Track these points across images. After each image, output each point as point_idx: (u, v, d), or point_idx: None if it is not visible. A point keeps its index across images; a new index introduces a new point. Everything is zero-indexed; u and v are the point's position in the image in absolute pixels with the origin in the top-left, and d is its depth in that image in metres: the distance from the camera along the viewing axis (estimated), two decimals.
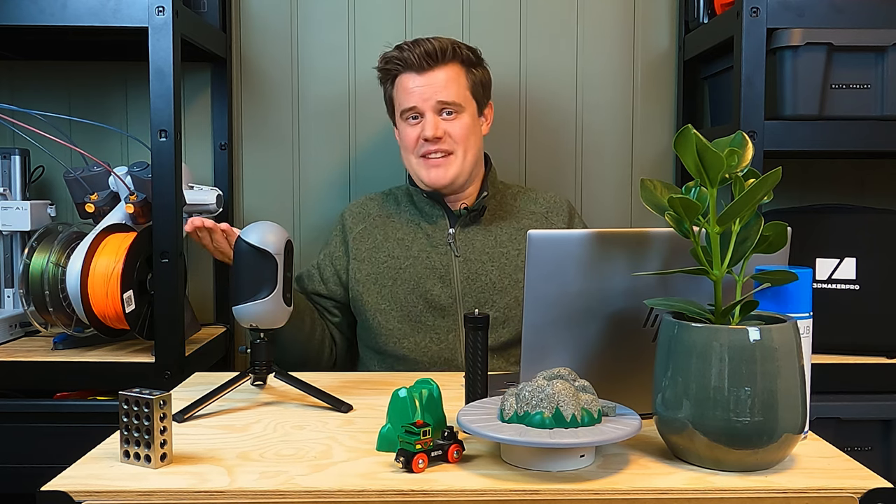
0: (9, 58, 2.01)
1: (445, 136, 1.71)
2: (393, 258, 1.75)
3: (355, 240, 1.79)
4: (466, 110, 1.73)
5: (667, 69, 2.10)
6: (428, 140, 1.70)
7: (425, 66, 1.70)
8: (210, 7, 1.94)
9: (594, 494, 0.95)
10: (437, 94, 1.70)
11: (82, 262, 1.58)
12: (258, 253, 1.26)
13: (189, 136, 2.06)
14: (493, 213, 1.79)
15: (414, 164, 1.75)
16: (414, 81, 1.71)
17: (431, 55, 1.70)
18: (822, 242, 1.74)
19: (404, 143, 1.76)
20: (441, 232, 1.76)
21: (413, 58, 1.70)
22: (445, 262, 1.73)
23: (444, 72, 1.71)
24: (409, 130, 1.73)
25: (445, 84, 1.71)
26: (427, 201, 1.77)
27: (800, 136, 1.65)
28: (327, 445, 1.10)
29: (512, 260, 1.74)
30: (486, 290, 1.72)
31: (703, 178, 0.98)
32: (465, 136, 1.72)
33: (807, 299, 1.09)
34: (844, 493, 0.96)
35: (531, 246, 1.08)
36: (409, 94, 1.72)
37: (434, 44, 1.71)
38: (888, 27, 1.64)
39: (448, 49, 1.71)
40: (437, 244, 1.75)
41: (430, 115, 1.71)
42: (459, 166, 1.72)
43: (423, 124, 1.71)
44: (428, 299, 1.71)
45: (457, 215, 1.76)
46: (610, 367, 1.13)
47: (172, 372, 1.57)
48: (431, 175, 1.72)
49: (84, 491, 0.95)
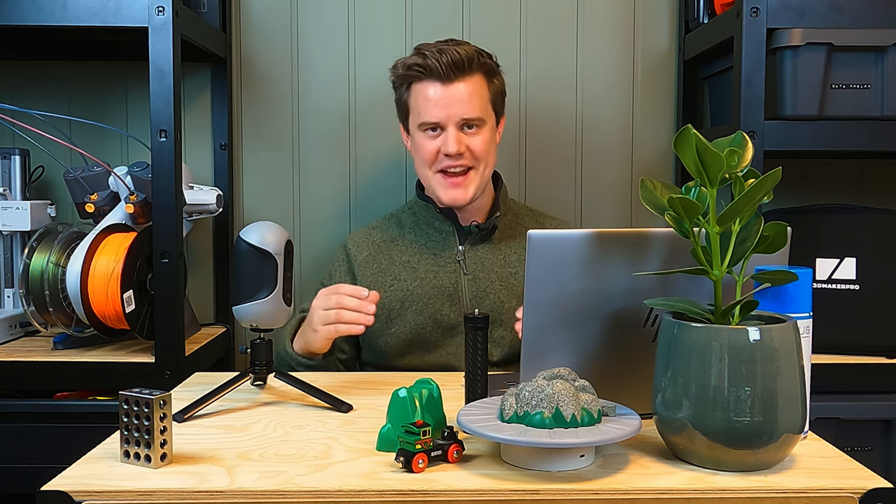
0: (9, 58, 2.01)
1: (466, 151, 1.65)
2: (399, 281, 1.71)
3: (360, 267, 1.74)
4: (487, 124, 1.68)
5: (667, 69, 2.10)
6: (449, 156, 1.64)
7: (451, 77, 1.63)
8: (210, 7, 1.94)
9: (594, 494, 0.95)
10: (462, 109, 1.63)
11: (82, 262, 1.58)
12: (258, 253, 1.26)
13: (189, 136, 2.06)
14: (504, 231, 1.75)
15: (431, 180, 1.68)
16: (436, 92, 1.64)
17: (458, 65, 1.62)
18: (822, 242, 1.73)
19: (421, 156, 1.68)
20: (450, 250, 1.72)
21: (440, 67, 1.62)
22: (454, 281, 1.70)
23: (467, 84, 1.64)
24: (428, 143, 1.66)
25: (469, 98, 1.64)
26: (438, 217, 1.73)
27: (800, 136, 1.65)
28: (327, 445, 1.10)
29: (521, 281, 1.67)
30: (494, 310, 1.68)
31: (703, 178, 0.98)
32: (486, 151, 1.67)
33: (807, 299, 1.09)
34: (844, 493, 0.96)
35: (531, 246, 1.08)
36: (432, 105, 1.64)
37: (461, 53, 1.63)
38: (888, 27, 1.64)
39: (474, 59, 1.65)
40: (445, 263, 1.71)
41: (452, 130, 1.64)
42: (479, 183, 1.67)
43: (445, 138, 1.64)
44: (437, 319, 1.68)
45: (467, 232, 1.72)
46: (610, 367, 1.13)
47: (172, 372, 1.57)
48: (450, 195, 1.66)
49: (84, 491, 0.95)
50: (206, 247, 2.08)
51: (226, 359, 2.00)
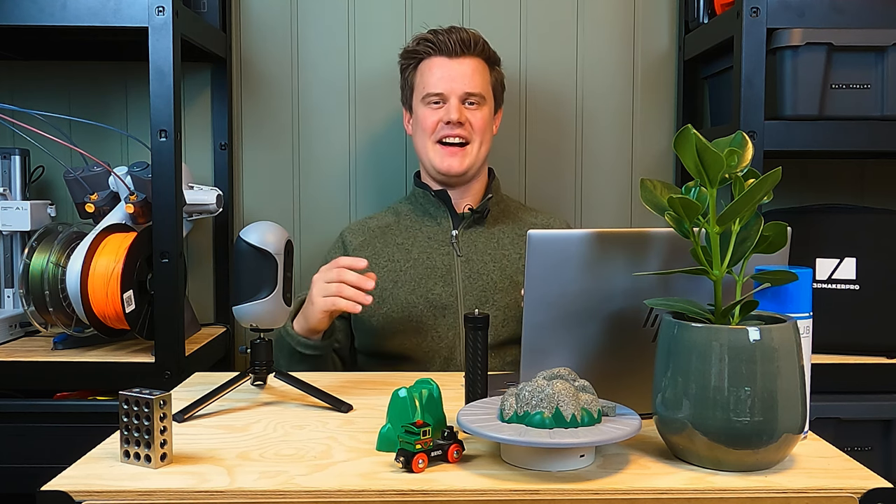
0: (9, 58, 2.01)
1: (467, 123, 1.74)
2: (393, 262, 1.75)
3: (355, 251, 1.78)
4: (487, 104, 1.78)
5: (667, 69, 2.10)
6: (450, 123, 1.73)
7: (459, 53, 1.74)
8: (210, 7, 1.94)
9: (594, 494, 0.95)
10: (465, 83, 1.74)
11: (82, 262, 1.58)
12: (258, 253, 1.26)
13: (189, 136, 2.06)
14: (496, 217, 1.81)
15: (430, 149, 1.76)
16: (443, 66, 1.74)
17: (466, 43, 1.75)
18: (822, 242, 1.73)
19: (422, 126, 1.76)
20: (444, 233, 1.77)
21: (449, 42, 1.74)
22: (447, 262, 1.74)
23: (472, 63, 1.76)
24: (430, 114, 1.75)
25: (472, 75, 1.75)
26: (433, 201, 1.78)
27: (800, 136, 1.65)
28: (327, 445, 1.10)
29: (513, 262, 1.76)
30: (487, 290, 1.72)
31: (703, 178, 0.98)
32: (483, 128, 1.76)
33: (807, 299, 1.09)
34: (844, 493, 0.96)
35: (531, 246, 1.08)
36: (438, 78, 1.74)
37: (469, 33, 1.76)
38: (888, 27, 1.64)
39: (480, 42, 1.77)
40: (439, 244, 1.76)
41: (454, 101, 1.73)
42: (474, 157, 1.75)
43: (447, 108, 1.73)
44: (429, 299, 1.72)
45: (461, 217, 1.78)
46: (610, 367, 1.13)
47: (172, 372, 1.57)
48: (446, 163, 1.74)
49: (84, 491, 0.95)
50: (206, 247, 2.08)
51: (226, 359, 2.00)
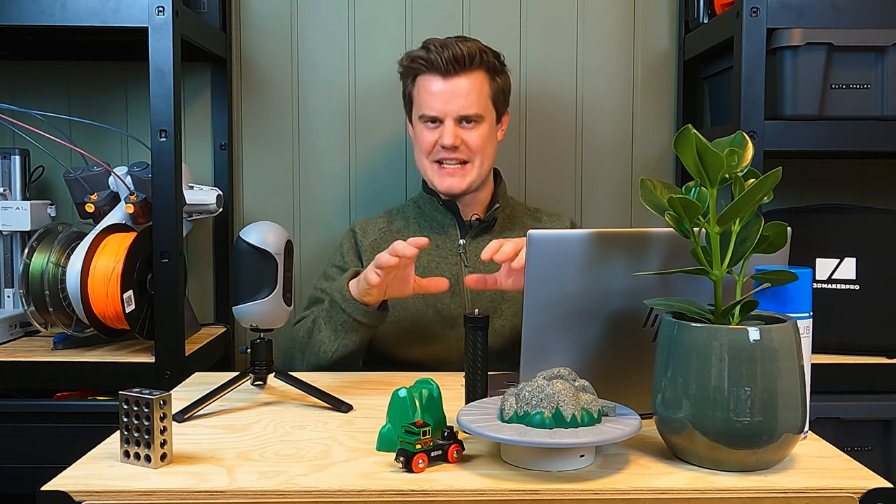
0: (9, 58, 2.01)
1: (462, 145, 1.70)
2: None
3: (366, 251, 1.76)
4: (486, 120, 1.72)
5: (667, 69, 2.10)
6: (445, 148, 1.69)
7: (451, 72, 1.68)
8: (210, 7, 1.94)
9: (594, 494, 0.95)
10: (459, 105, 1.68)
11: (82, 262, 1.58)
12: (258, 253, 1.26)
13: (189, 136, 2.06)
14: (503, 225, 1.79)
15: (428, 168, 1.74)
16: (436, 85, 1.69)
17: (459, 61, 1.67)
18: (822, 242, 1.73)
19: (420, 146, 1.74)
20: (451, 243, 1.75)
21: (440, 61, 1.67)
22: (455, 273, 1.72)
23: (467, 79, 1.69)
24: (427, 134, 1.72)
25: (467, 94, 1.68)
26: (440, 210, 1.77)
27: (800, 136, 1.65)
28: (327, 445, 1.10)
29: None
30: (495, 300, 1.70)
31: (703, 178, 0.98)
32: (482, 147, 1.72)
33: (807, 299, 1.09)
34: (844, 493, 0.96)
35: (531, 246, 1.08)
36: (432, 98, 1.69)
37: (462, 48, 1.68)
38: (888, 27, 1.64)
39: (476, 55, 1.69)
40: (447, 255, 1.74)
41: (449, 123, 1.69)
42: (475, 175, 1.72)
43: (442, 131, 1.69)
44: (438, 309, 1.70)
45: (468, 226, 1.76)
46: (610, 367, 1.13)
47: (172, 372, 1.57)
48: (446, 183, 1.71)
49: (84, 491, 0.95)
50: (206, 247, 2.08)
51: (226, 359, 2.00)
